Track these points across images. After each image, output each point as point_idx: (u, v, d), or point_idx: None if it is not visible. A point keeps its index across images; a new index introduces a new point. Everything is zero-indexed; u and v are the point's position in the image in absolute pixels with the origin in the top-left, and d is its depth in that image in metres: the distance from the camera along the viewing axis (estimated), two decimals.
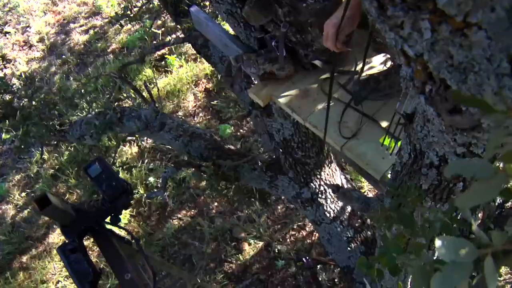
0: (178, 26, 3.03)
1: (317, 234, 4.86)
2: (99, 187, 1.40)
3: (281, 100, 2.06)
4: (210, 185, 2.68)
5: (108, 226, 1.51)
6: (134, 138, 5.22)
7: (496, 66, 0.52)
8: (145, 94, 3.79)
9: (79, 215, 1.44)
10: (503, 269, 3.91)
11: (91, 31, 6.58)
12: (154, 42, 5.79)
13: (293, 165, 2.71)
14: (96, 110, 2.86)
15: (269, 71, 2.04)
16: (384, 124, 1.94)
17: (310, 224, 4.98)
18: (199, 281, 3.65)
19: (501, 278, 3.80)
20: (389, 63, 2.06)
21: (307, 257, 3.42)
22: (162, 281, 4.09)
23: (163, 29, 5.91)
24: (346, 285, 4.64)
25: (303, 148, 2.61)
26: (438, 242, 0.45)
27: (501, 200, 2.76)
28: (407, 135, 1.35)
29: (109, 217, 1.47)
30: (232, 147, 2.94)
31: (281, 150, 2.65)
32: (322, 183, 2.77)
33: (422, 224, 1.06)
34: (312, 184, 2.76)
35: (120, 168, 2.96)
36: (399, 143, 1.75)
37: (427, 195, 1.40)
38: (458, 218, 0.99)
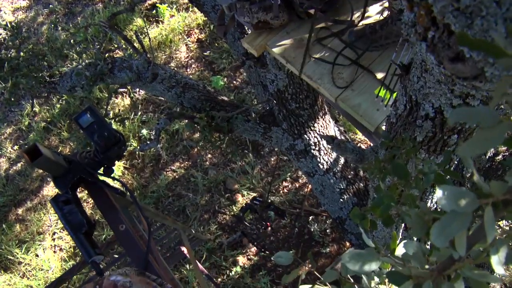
0: None
1: (309, 186, 4.92)
2: (90, 137, 1.37)
3: (275, 50, 2.01)
4: (204, 137, 2.66)
5: (102, 178, 1.50)
6: (126, 89, 5.15)
7: (505, 10, 0.50)
8: (136, 44, 3.71)
9: (71, 166, 1.43)
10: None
11: None
12: None
13: (287, 117, 2.70)
14: (87, 61, 2.79)
15: (263, 20, 1.98)
16: (380, 75, 1.92)
17: (303, 176, 5.03)
18: (193, 231, 3.70)
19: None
20: (385, 13, 2.01)
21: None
22: (156, 232, 4.14)
23: None
24: (337, 236, 4.74)
25: (297, 99, 2.59)
26: (439, 192, 0.43)
27: (492, 153, 2.78)
28: (403, 86, 1.33)
29: (102, 168, 1.45)
30: (226, 98, 2.91)
31: (275, 101, 2.62)
32: (316, 134, 2.76)
33: (416, 175, 1.06)
34: (306, 135, 2.75)
35: (113, 120, 2.92)
36: (394, 95, 1.73)
37: (422, 147, 1.39)
38: (452, 170, 0.99)
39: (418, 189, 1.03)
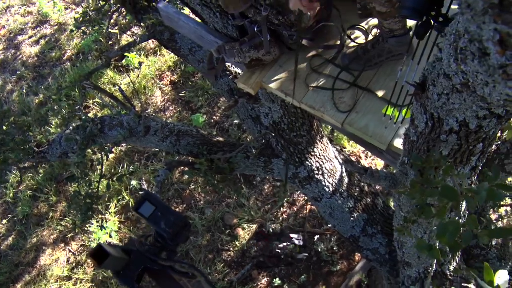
0: (142, 23, 2.91)
1: (309, 208, 4.90)
2: (156, 226, 1.29)
3: (272, 86, 2.01)
4: (207, 181, 2.62)
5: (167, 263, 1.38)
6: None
7: None
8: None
9: (132, 257, 1.34)
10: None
11: (42, 41, 6.29)
12: (110, 42, 5.59)
13: (286, 146, 2.69)
14: (73, 124, 2.73)
15: (255, 57, 1.98)
16: (380, 93, 1.93)
17: (299, 198, 5.02)
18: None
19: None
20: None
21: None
22: None
23: (116, 27, 5.71)
24: (345, 252, 4.72)
25: (294, 128, 2.58)
26: None
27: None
28: (420, 104, 1.33)
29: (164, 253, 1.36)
30: (221, 139, 2.89)
31: (272, 133, 2.61)
32: (317, 159, 2.75)
33: (466, 194, 1.05)
34: (307, 162, 2.74)
35: (110, 179, 2.85)
36: (403, 111, 1.74)
37: (447, 161, 1.39)
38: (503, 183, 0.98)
39: (470, 208, 1.02)
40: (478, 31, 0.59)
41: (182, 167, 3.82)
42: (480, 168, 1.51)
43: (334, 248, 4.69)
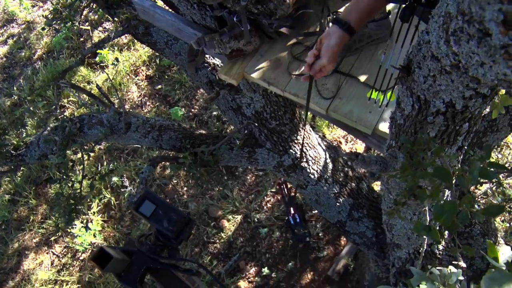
0: (115, 18, 2.85)
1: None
2: (159, 225, 1.25)
3: (255, 75, 2.00)
4: (192, 174, 2.60)
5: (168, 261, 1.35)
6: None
7: None
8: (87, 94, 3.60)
9: (134, 258, 1.31)
10: None
11: (10, 41, 6.13)
12: (81, 39, 5.48)
13: (269, 136, 2.68)
14: (51, 125, 2.67)
15: (236, 48, 1.97)
16: (362, 78, 1.94)
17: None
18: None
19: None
20: None
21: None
22: None
23: (87, 24, 5.59)
24: (331, 237, 4.76)
25: (277, 116, 2.58)
26: None
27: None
28: (407, 87, 1.34)
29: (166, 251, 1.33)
30: (203, 132, 2.87)
31: (255, 123, 2.60)
32: (301, 147, 2.76)
33: (458, 174, 1.06)
34: (291, 150, 2.75)
35: (92, 179, 2.81)
36: (388, 95, 1.75)
37: (436, 142, 1.41)
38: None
39: (463, 187, 1.03)
40: (480, 12, 0.59)
41: (165, 162, 3.79)
42: (465, 147, 1.53)
43: (320, 234, 4.73)
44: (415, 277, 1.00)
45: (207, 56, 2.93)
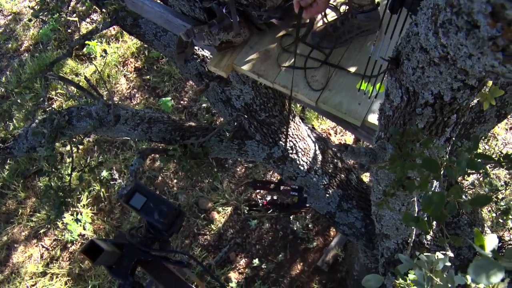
0: (103, 10, 2.83)
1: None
2: (149, 217, 1.24)
3: (244, 67, 1.99)
4: (182, 166, 2.60)
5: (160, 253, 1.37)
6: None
7: None
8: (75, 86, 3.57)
9: (124, 250, 1.31)
10: None
11: None
12: (69, 31, 5.42)
13: (259, 128, 2.68)
14: (39, 117, 2.65)
15: (226, 40, 1.96)
16: (352, 69, 1.94)
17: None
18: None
19: None
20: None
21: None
22: None
23: (75, 15, 5.53)
24: (320, 228, 4.79)
25: (266, 108, 2.58)
26: None
27: None
28: (395, 79, 1.35)
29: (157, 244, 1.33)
30: (193, 124, 2.86)
31: (245, 115, 2.60)
32: (290, 138, 2.77)
33: (446, 165, 1.08)
34: (281, 142, 2.75)
35: (81, 171, 2.79)
36: (377, 86, 1.76)
37: (424, 133, 1.42)
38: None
39: (451, 178, 1.04)
40: (469, 4, 0.60)
41: (154, 155, 3.77)
42: (453, 139, 1.55)
43: (309, 226, 4.75)
44: (403, 264, 1.02)
45: (196, 47, 2.91)
